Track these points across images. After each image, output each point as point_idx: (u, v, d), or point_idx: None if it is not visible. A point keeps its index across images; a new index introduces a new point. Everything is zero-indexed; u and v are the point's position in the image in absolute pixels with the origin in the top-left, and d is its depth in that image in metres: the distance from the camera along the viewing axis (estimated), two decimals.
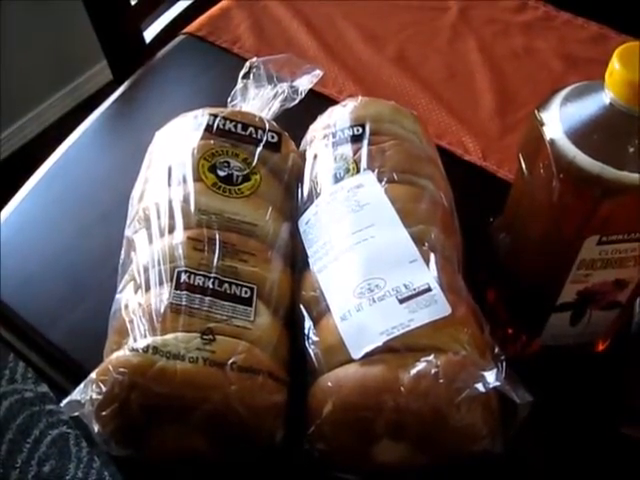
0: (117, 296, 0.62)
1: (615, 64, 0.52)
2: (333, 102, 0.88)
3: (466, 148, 0.87)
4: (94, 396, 0.54)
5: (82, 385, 0.56)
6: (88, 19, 1.18)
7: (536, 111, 0.58)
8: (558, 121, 0.56)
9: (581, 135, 0.54)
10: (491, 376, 0.53)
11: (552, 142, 0.55)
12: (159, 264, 0.60)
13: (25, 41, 2.02)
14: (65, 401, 0.56)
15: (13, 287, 0.77)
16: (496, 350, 0.58)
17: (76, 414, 0.57)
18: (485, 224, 0.73)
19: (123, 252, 0.66)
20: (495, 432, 0.55)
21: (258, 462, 0.59)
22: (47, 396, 1.68)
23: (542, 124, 0.57)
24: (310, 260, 0.63)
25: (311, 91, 0.79)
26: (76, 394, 0.56)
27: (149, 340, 0.55)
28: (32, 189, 0.87)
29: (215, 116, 0.70)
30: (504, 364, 0.56)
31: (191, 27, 1.04)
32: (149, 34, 1.24)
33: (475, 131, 0.88)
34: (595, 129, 0.54)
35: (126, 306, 0.60)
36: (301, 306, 0.61)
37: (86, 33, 1.36)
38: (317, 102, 0.83)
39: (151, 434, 0.56)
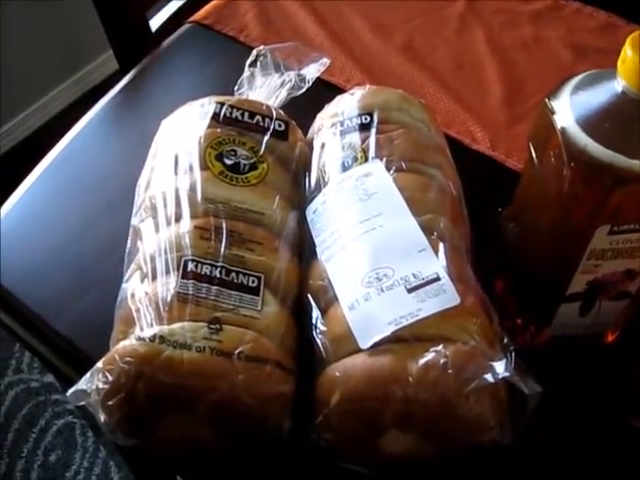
0: (123, 285, 0.62)
1: (627, 51, 0.52)
2: (340, 91, 0.87)
3: (474, 137, 0.86)
4: (100, 385, 0.54)
5: (88, 374, 0.56)
6: (93, 8, 1.17)
7: (547, 99, 0.57)
8: (569, 109, 0.55)
9: (592, 123, 0.54)
10: (500, 366, 0.53)
11: (563, 130, 0.54)
12: (166, 253, 0.59)
13: (30, 31, 2.01)
14: (71, 390, 0.56)
15: (19, 277, 0.76)
16: (505, 340, 0.57)
17: (82, 403, 0.56)
18: (493, 213, 0.72)
19: (129, 241, 0.66)
20: (503, 423, 0.55)
21: (265, 452, 0.58)
22: (53, 386, 1.68)
23: (553, 112, 0.56)
24: (318, 249, 0.62)
25: (318, 80, 0.78)
26: (82, 383, 0.56)
27: (156, 329, 0.55)
28: (37, 179, 0.86)
29: (222, 104, 0.70)
30: (513, 354, 0.55)
31: (197, 16, 1.03)
32: (155, 23, 1.23)
33: (483, 120, 0.88)
34: (607, 117, 0.54)
35: (132, 295, 0.59)
36: (309, 295, 0.61)
37: (91, 23, 1.36)
38: (324, 91, 0.83)
39: (157, 424, 0.56)
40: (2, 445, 1.61)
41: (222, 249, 0.59)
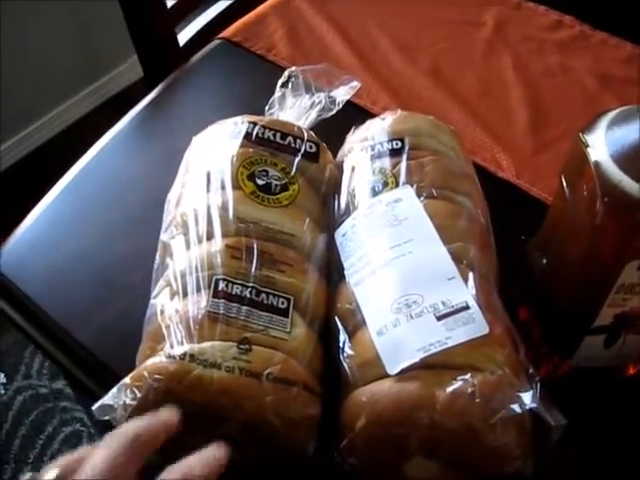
0: (152, 301, 0.62)
1: None
2: (366, 112, 0.88)
3: (500, 165, 0.86)
4: (128, 401, 0.54)
5: (115, 389, 0.56)
6: (116, 17, 1.18)
7: (581, 133, 0.58)
8: (604, 144, 0.55)
9: (627, 159, 0.54)
10: (527, 397, 0.53)
11: (597, 165, 0.55)
12: (197, 271, 0.60)
13: (53, 39, 2.02)
14: (97, 405, 0.56)
15: (43, 286, 0.77)
16: (530, 371, 0.57)
17: (106, 418, 0.56)
18: (518, 242, 0.73)
19: (158, 257, 0.66)
20: (527, 453, 0.55)
21: (289, 473, 0.59)
22: (62, 393, 1.68)
23: (587, 146, 0.56)
24: (346, 272, 0.63)
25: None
26: (108, 398, 0.56)
27: (186, 347, 0.55)
28: (63, 189, 0.87)
29: (254, 124, 0.70)
30: (539, 385, 0.55)
31: (226, 32, 1.04)
32: (183, 37, 1.24)
33: (509, 148, 0.88)
34: None
35: (162, 312, 0.60)
36: (336, 318, 0.61)
37: (113, 32, 1.36)
38: (350, 112, 0.83)
39: (183, 441, 0.56)
40: (9, 450, 1.61)
41: (253, 269, 0.60)
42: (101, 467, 0.44)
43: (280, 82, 0.78)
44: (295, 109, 0.76)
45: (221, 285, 0.58)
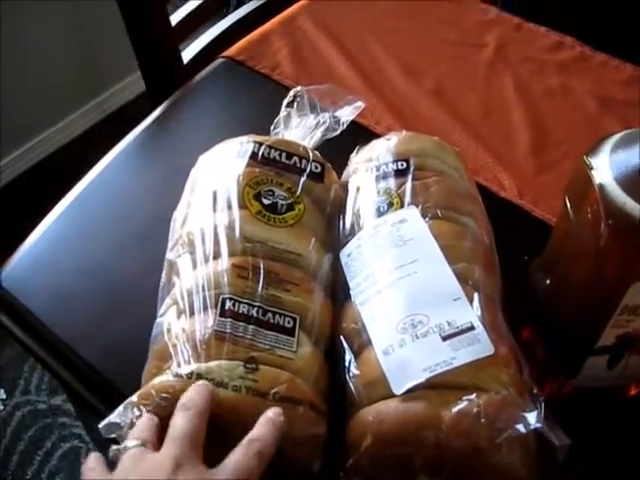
0: (158, 320, 0.62)
1: None
2: (370, 132, 0.89)
3: (502, 185, 0.87)
4: (135, 420, 0.54)
5: (121, 407, 0.56)
6: (118, 34, 1.19)
7: (585, 156, 0.58)
8: (608, 167, 0.56)
9: (631, 182, 0.54)
10: (532, 417, 0.54)
11: (601, 187, 0.55)
12: (203, 290, 0.60)
13: (52, 55, 2.03)
14: (103, 423, 0.56)
15: (47, 303, 0.77)
16: (534, 391, 0.58)
17: (113, 436, 0.57)
18: (521, 262, 0.73)
19: (164, 275, 0.67)
20: (532, 473, 0.55)
21: None
22: (60, 409, 1.68)
23: (591, 168, 0.57)
24: (352, 292, 0.63)
25: None
26: (115, 416, 0.56)
27: (193, 367, 0.55)
28: (67, 207, 0.87)
29: (260, 144, 0.71)
30: (543, 405, 0.56)
31: (230, 51, 1.04)
32: (187, 54, 1.25)
33: (511, 168, 0.89)
34: None
35: (168, 330, 0.60)
36: (341, 338, 0.62)
37: (115, 47, 1.36)
38: (354, 132, 0.83)
39: None
40: (6, 466, 1.60)
41: (259, 289, 0.60)
42: (184, 433, 0.51)
43: (285, 102, 0.79)
44: (300, 129, 0.77)
45: (228, 304, 0.59)
